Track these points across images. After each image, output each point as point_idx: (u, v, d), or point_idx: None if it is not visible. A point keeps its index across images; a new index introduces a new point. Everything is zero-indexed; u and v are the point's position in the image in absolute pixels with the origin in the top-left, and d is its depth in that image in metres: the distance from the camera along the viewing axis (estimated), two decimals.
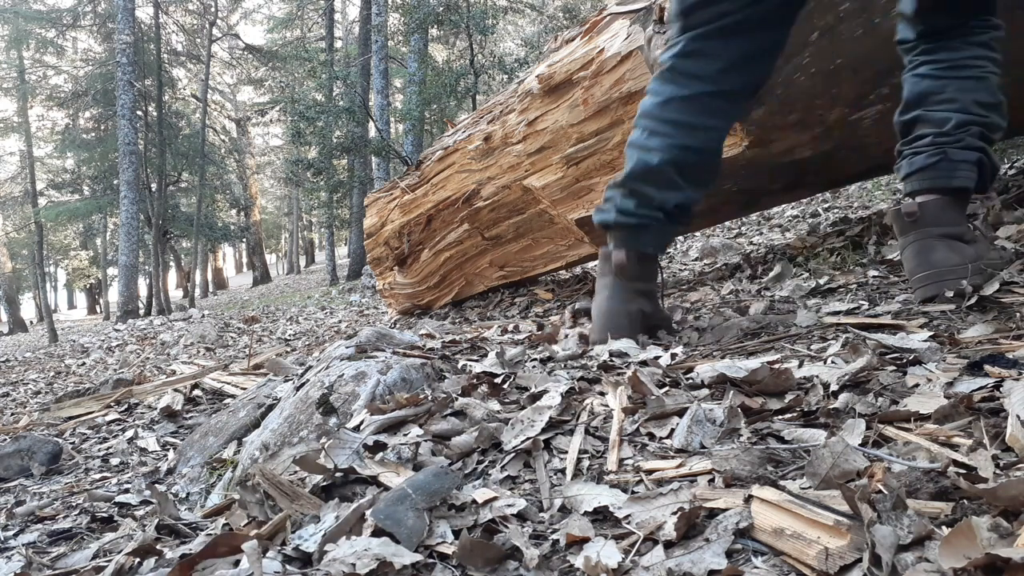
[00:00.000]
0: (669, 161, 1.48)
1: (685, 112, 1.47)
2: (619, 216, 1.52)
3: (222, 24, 19.33)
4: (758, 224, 4.98)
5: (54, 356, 7.42)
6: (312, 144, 11.94)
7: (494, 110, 3.13)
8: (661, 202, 1.50)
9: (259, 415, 1.56)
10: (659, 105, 1.50)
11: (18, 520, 1.29)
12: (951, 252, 1.30)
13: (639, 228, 1.52)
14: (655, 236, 1.54)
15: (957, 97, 1.33)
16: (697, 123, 1.48)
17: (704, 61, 1.45)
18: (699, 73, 1.46)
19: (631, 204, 1.51)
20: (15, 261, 24.18)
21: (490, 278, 3.58)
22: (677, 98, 1.48)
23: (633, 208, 1.50)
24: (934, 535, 0.55)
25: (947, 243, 1.31)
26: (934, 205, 1.33)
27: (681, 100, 1.47)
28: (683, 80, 1.48)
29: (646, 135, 1.51)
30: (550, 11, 15.89)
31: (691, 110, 1.47)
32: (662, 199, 1.50)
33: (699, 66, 1.46)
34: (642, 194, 1.50)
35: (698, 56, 1.46)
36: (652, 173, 1.49)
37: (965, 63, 1.34)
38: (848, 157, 2.32)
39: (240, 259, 40.48)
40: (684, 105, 1.47)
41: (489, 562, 0.66)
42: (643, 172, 1.50)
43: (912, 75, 1.40)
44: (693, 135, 1.48)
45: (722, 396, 0.97)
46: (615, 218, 1.52)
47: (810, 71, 1.89)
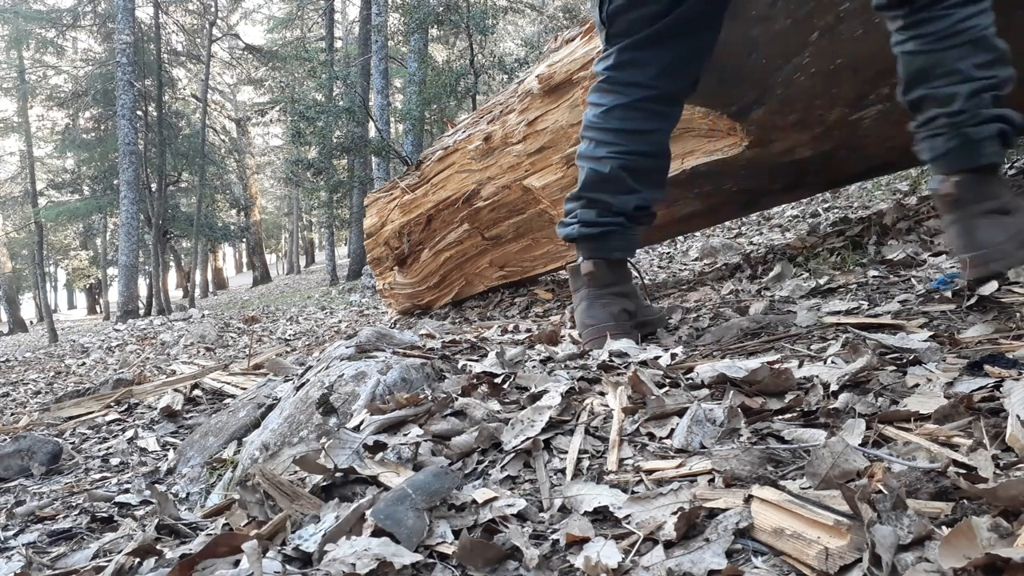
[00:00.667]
0: (620, 167, 1.51)
1: (628, 119, 1.51)
2: (582, 228, 1.55)
3: (222, 24, 19.33)
4: (758, 224, 4.98)
5: (54, 356, 7.42)
6: (312, 144, 11.93)
7: (494, 110, 3.13)
8: (620, 207, 1.53)
9: (259, 415, 1.56)
10: (602, 115, 1.53)
11: (18, 520, 1.29)
12: (996, 228, 1.26)
13: (604, 236, 1.55)
14: (620, 240, 1.57)
15: (957, 67, 1.26)
16: (641, 128, 1.52)
17: (638, 69, 1.49)
18: (635, 81, 1.50)
19: (592, 214, 1.54)
20: (15, 261, 24.18)
21: (490, 278, 3.58)
22: (619, 106, 1.51)
23: (595, 217, 1.54)
24: (934, 535, 0.55)
25: (990, 219, 1.27)
26: (969, 183, 1.28)
27: (623, 108, 1.51)
28: (621, 88, 1.51)
29: (593, 146, 1.55)
30: (550, 11, 15.89)
31: (633, 116, 1.51)
32: (620, 204, 1.53)
33: (634, 74, 1.50)
34: (600, 202, 1.54)
35: (631, 65, 1.50)
36: (606, 181, 1.53)
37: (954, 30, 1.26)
38: (848, 157, 2.32)
39: (240, 259, 40.47)
40: (626, 112, 1.51)
41: (489, 562, 0.66)
42: (597, 181, 1.54)
43: (903, 52, 1.34)
44: (639, 140, 1.52)
45: (722, 396, 0.97)
46: (579, 230, 1.56)
47: (810, 71, 1.89)
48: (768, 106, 2.00)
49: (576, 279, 1.58)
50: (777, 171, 2.36)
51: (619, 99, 1.51)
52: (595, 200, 1.54)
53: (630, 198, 1.53)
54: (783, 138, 2.13)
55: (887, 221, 2.39)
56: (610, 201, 1.53)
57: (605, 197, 1.53)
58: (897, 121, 2.08)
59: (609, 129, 1.52)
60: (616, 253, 1.57)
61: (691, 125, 2.24)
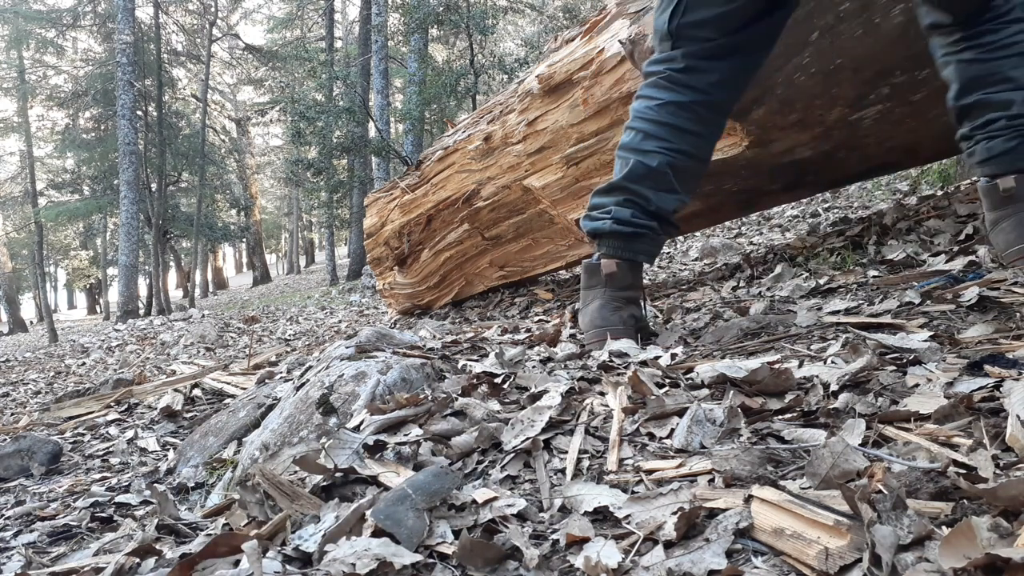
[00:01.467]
0: (667, 163, 1.52)
1: (681, 117, 1.52)
2: (615, 225, 1.54)
3: (222, 24, 19.33)
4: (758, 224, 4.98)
5: (54, 356, 7.42)
6: (312, 144, 11.93)
7: (494, 110, 3.13)
8: (658, 207, 1.53)
9: (259, 415, 1.56)
10: (655, 108, 1.54)
11: (18, 520, 1.29)
12: None
13: (634, 236, 1.54)
14: (648, 245, 1.57)
15: (1013, 76, 1.35)
16: (691, 128, 1.53)
17: (699, 75, 1.52)
18: (693, 84, 1.52)
19: (627, 213, 1.53)
20: (15, 261, 24.17)
21: (490, 278, 3.58)
22: (673, 103, 1.53)
23: (629, 217, 1.53)
24: (934, 535, 0.55)
25: None
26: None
27: (677, 105, 1.52)
28: (679, 88, 1.53)
29: (641, 138, 1.55)
30: (550, 11, 15.89)
31: (685, 116, 1.52)
32: (659, 203, 1.53)
33: (693, 79, 1.52)
34: (639, 198, 1.53)
35: (693, 71, 1.52)
36: (652, 175, 1.52)
37: (1009, 42, 1.36)
38: (848, 157, 2.32)
39: (240, 259, 40.48)
40: (679, 110, 1.52)
41: (489, 562, 0.66)
42: (642, 174, 1.53)
43: (958, 60, 1.41)
44: (688, 139, 1.53)
45: (722, 396, 0.97)
46: (610, 227, 1.54)
47: (810, 71, 1.89)
48: (768, 106, 2.00)
49: (592, 277, 1.57)
50: (777, 171, 2.36)
51: (675, 96, 1.53)
52: (635, 195, 1.53)
53: (670, 198, 1.54)
54: (783, 138, 2.13)
55: (887, 221, 2.39)
56: (651, 197, 1.53)
57: (647, 192, 1.53)
58: (897, 121, 2.08)
59: (661, 123, 1.53)
60: (641, 256, 1.57)
61: None
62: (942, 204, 2.40)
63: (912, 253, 1.88)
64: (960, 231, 1.96)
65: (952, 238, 1.94)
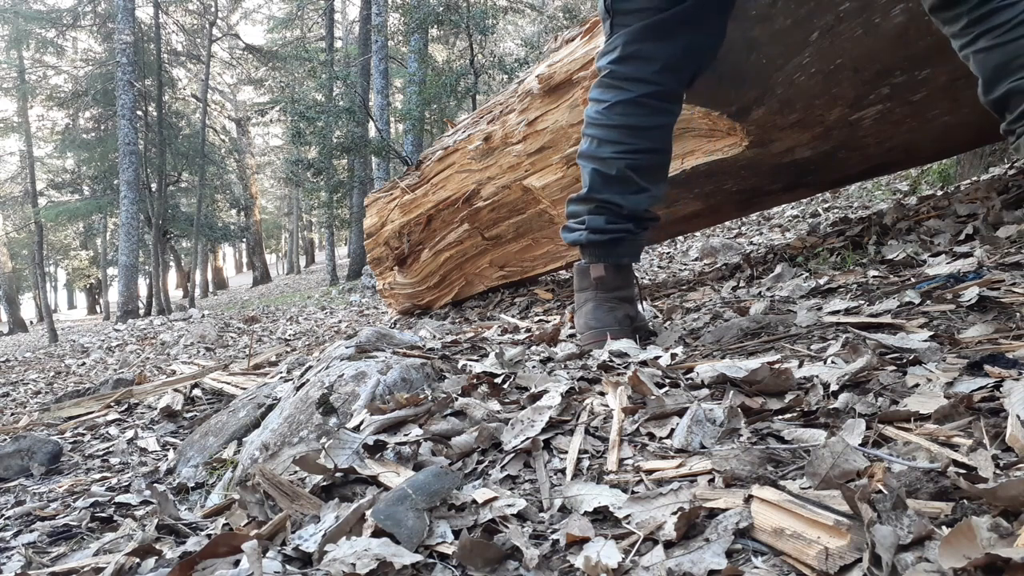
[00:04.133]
0: (627, 167, 1.49)
1: (631, 115, 1.48)
2: (591, 235, 1.53)
3: (222, 24, 19.34)
4: (758, 224, 4.98)
5: (54, 356, 7.42)
6: (312, 144, 11.93)
7: (494, 110, 3.13)
8: (630, 210, 1.51)
9: (259, 415, 1.56)
10: (604, 111, 1.51)
11: (18, 520, 1.29)
12: None
13: (612, 242, 1.53)
14: (628, 247, 1.56)
15: None
16: (645, 124, 1.49)
17: (642, 64, 1.46)
18: (639, 76, 1.47)
19: (601, 221, 1.52)
20: (15, 261, 24.18)
21: (490, 278, 3.58)
22: (621, 102, 1.48)
23: (603, 224, 1.52)
24: (934, 535, 0.55)
25: None
26: None
27: (625, 104, 1.48)
28: (624, 84, 1.48)
29: (596, 145, 1.52)
30: (550, 11, 15.88)
31: (637, 112, 1.48)
32: (631, 205, 1.51)
33: (637, 69, 1.47)
34: (610, 205, 1.51)
35: (635, 59, 1.47)
36: (615, 182, 1.50)
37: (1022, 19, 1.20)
38: (848, 157, 2.32)
39: (240, 259, 40.48)
40: (628, 108, 1.48)
41: (489, 562, 0.66)
42: (604, 182, 1.51)
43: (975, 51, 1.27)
44: (643, 136, 1.49)
45: (722, 396, 0.97)
46: (586, 237, 1.54)
47: (810, 71, 1.89)
48: (768, 106, 2.00)
49: (583, 280, 1.57)
50: (777, 171, 2.36)
51: (622, 95, 1.48)
52: (604, 203, 1.51)
53: (640, 198, 1.51)
54: (783, 138, 2.13)
55: (887, 221, 2.39)
56: (620, 203, 1.50)
57: (615, 198, 1.50)
58: (897, 121, 2.08)
59: (612, 126, 1.49)
60: (624, 259, 1.56)
61: (691, 125, 2.24)
62: (942, 204, 2.40)
63: (912, 253, 1.88)
64: (960, 231, 1.96)
65: (952, 238, 1.94)
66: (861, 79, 1.92)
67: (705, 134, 2.26)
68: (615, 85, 1.50)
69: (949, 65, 1.84)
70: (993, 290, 1.27)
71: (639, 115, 1.48)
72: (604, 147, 1.50)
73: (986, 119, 2.10)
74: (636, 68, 1.47)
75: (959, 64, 1.81)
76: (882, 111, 2.02)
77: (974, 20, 1.24)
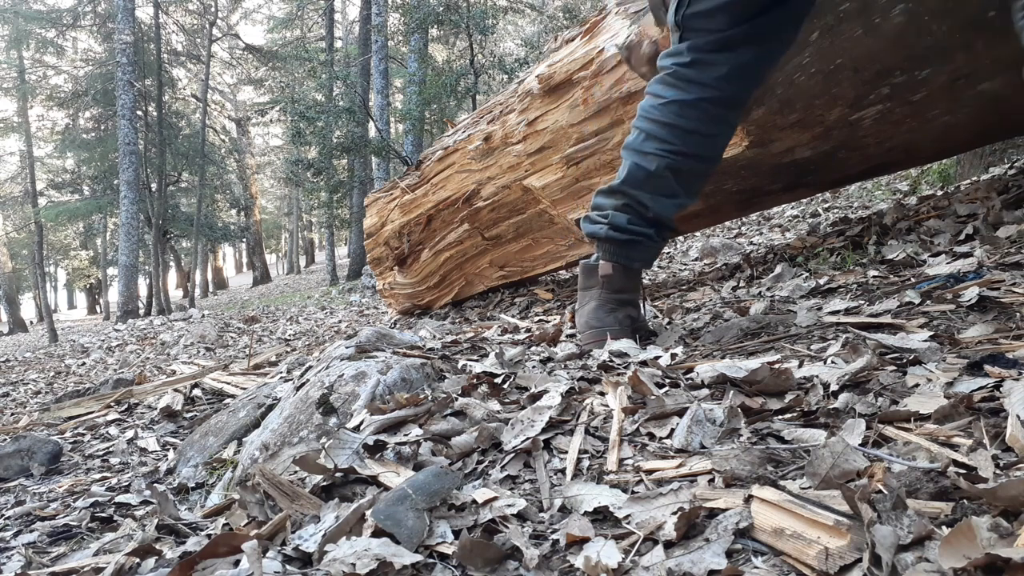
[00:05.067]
0: (667, 167, 1.47)
1: (686, 117, 1.46)
2: (610, 231, 1.52)
3: (222, 24, 19.34)
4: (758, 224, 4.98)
5: (54, 356, 7.42)
6: (312, 144, 11.93)
7: (494, 110, 3.13)
8: (656, 214, 1.49)
9: (259, 415, 1.56)
10: (659, 107, 1.49)
11: (18, 520, 1.29)
12: None
13: (629, 244, 1.52)
14: (643, 252, 1.55)
15: None
16: (697, 128, 1.47)
17: (705, 69, 1.45)
18: (701, 80, 1.45)
19: (623, 219, 1.50)
20: (15, 261, 24.19)
21: (490, 278, 3.58)
22: (678, 101, 1.46)
23: (625, 224, 1.50)
24: (934, 535, 0.55)
25: None
26: None
27: (682, 104, 1.46)
28: (685, 84, 1.46)
29: (642, 138, 1.50)
30: (550, 11, 15.88)
31: (691, 115, 1.46)
32: (657, 210, 1.49)
33: (701, 74, 1.45)
34: (637, 204, 1.50)
35: (700, 65, 1.45)
36: (650, 179, 1.48)
37: None
38: (848, 157, 2.32)
39: (240, 259, 40.49)
40: (684, 109, 1.46)
41: (489, 562, 0.66)
42: (641, 178, 1.49)
43: None
44: (692, 140, 1.47)
45: (722, 396, 0.97)
46: (606, 232, 1.52)
47: (810, 71, 1.89)
48: (768, 106, 2.00)
49: (589, 278, 1.56)
50: (777, 171, 2.36)
51: (680, 94, 1.46)
52: (633, 200, 1.49)
53: (670, 203, 1.49)
54: (783, 138, 2.13)
55: (887, 221, 2.39)
56: (648, 204, 1.48)
57: (645, 198, 1.48)
58: (897, 121, 2.08)
59: (663, 123, 1.47)
60: (637, 263, 1.55)
61: None
62: (942, 204, 2.40)
63: (912, 253, 1.88)
64: (960, 231, 1.96)
65: (952, 238, 1.94)
66: (861, 79, 1.91)
67: None
68: (675, 84, 1.48)
69: (949, 65, 1.84)
70: (993, 290, 1.27)
71: (693, 118, 1.46)
72: (649, 142, 1.48)
73: (986, 119, 2.10)
74: (700, 72, 1.45)
75: (959, 64, 1.82)
76: (882, 111, 2.02)
77: None
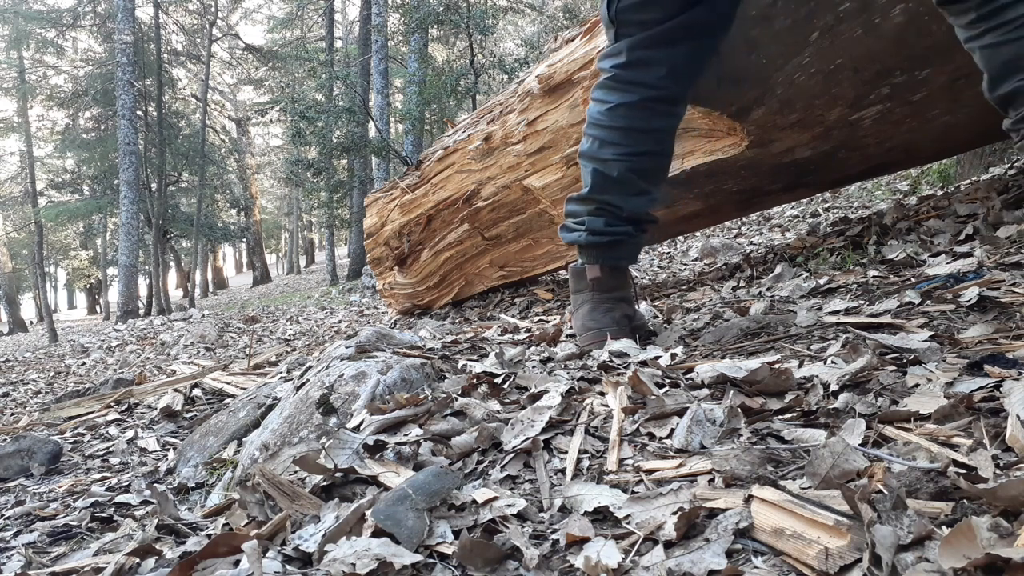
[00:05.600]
0: (628, 169, 1.49)
1: (633, 117, 1.48)
2: (589, 236, 1.53)
3: (222, 24, 19.34)
4: (758, 224, 4.98)
5: (54, 356, 7.42)
6: (312, 144, 11.93)
7: (494, 110, 3.13)
8: (630, 212, 1.51)
9: (259, 415, 1.56)
10: (607, 112, 1.50)
11: (18, 520, 1.29)
12: None
13: (611, 244, 1.54)
14: (627, 250, 1.57)
15: None
16: (647, 127, 1.49)
17: (646, 69, 1.46)
18: (642, 80, 1.46)
19: (600, 223, 1.52)
20: (15, 261, 24.19)
21: (490, 278, 3.58)
22: (624, 104, 1.48)
23: (603, 226, 1.52)
24: (934, 535, 0.55)
25: None
26: None
27: (628, 106, 1.48)
28: (627, 87, 1.48)
29: (598, 145, 1.52)
30: (550, 11, 15.88)
31: (639, 115, 1.48)
32: (631, 207, 1.51)
33: (641, 74, 1.46)
34: (610, 207, 1.51)
35: (640, 64, 1.46)
36: (616, 184, 1.50)
37: None
38: (848, 157, 2.32)
39: (240, 259, 40.49)
40: (631, 111, 1.48)
41: (489, 562, 0.66)
42: (605, 184, 1.51)
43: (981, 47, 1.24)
44: (645, 139, 1.49)
45: (722, 396, 0.97)
46: (585, 238, 1.54)
47: (810, 71, 1.89)
48: (768, 106, 2.00)
49: (579, 281, 1.57)
50: (777, 171, 2.36)
51: (625, 97, 1.48)
52: (605, 204, 1.51)
53: (641, 200, 1.51)
54: (783, 138, 2.13)
55: (887, 221, 2.39)
56: (621, 205, 1.50)
57: (616, 200, 1.50)
58: (897, 121, 2.08)
59: (614, 128, 1.49)
60: (622, 261, 1.57)
61: (691, 125, 2.24)
62: (942, 204, 2.40)
63: (912, 253, 1.88)
64: (960, 231, 1.96)
65: (952, 238, 1.94)
66: (861, 79, 1.92)
67: (705, 134, 2.26)
68: (617, 87, 1.49)
69: (949, 65, 1.84)
70: (993, 290, 1.27)
71: (642, 118, 1.48)
72: (606, 148, 1.50)
73: (986, 119, 2.10)
74: (640, 73, 1.46)
75: (959, 64, 1.82)
76: (882, 111, 2.02)
77: (983, 16, 1.22)
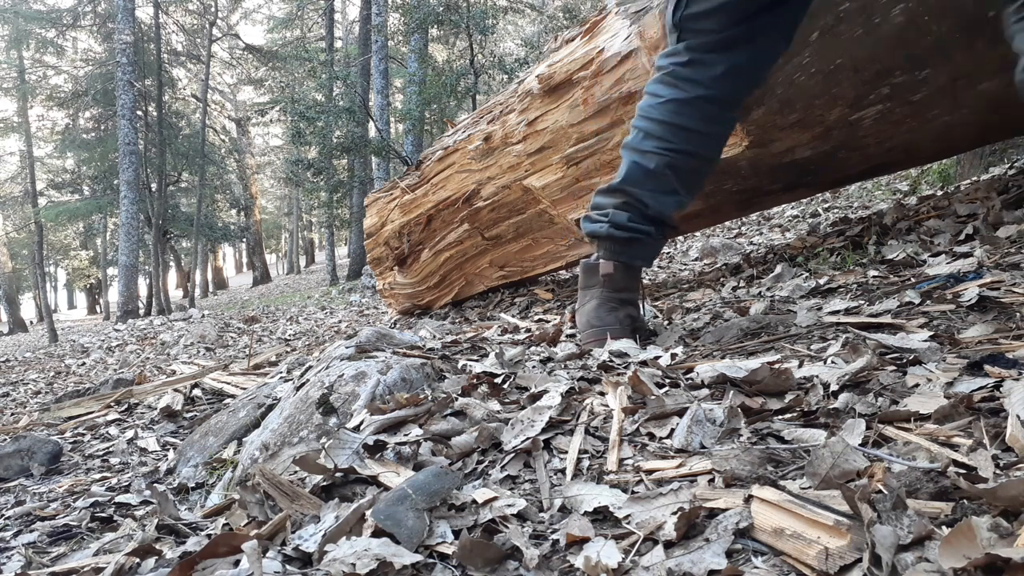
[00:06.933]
0: (666, 165, 1.48)
1: (683, 115, 1.48)
2: (611, 229, 1.52)
3: (222, 24, 19.34)
4: (758, 224, 4.98)
5: (54, 356, 7.42)
6: (312, 144, 11.93)
7: (494, 110, 3.13)
8: (656, 211, 1.50)
9: (259, 415, 1.56)
10: (657, 106, 1.50)
11: (18, 520, 1.29)
12: None
13: (630, 242, 1.53)
14: (645, 250, 1.56)
15: None
16: (695, 127, 1.48)
17: (702, 69, 1.47)
18: (698, 79, 1.47)
19: (624, 217, 1.51)
20: (15, 261, 24.19)
21: (490, 278, 3.58)
22: (675, 100, 1.48)
23: (626, 222, 1.51)
24: (934, 535, 0.55)
25: None
26: None
27: (679, 103, 1.48)
28: (681, 83, 1.48)
29: (641, 137, 1.51)
30: (550, 11, 15.88)
31: (688, 113, 1.48)
32: (657, 207, 1.50)
33: (697, 73, 1.47)
34: (637, 202, 1.50)
35: (698, 65, 1.47)
36: (650, 177, 1.49)
37: None
38: (848, 157, 2.32)
39: (240, 259, 40.50)
40: (681, 107, 1.48)
41: (489, 562, 0.66)
42: (640, 177, 1.50)
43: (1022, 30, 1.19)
44: (689, 138, 1.48)
45: (722, 396, 0.97)
46: (607, 231, 1.53)
47: (810, 71, 1.89)
48: (768, 106, 2.00)
49: (590, 277, 1.56)
50: (777, 171, 2.36)
51: (677, 93, 1.48)
52: (633, 198, 1.50)
53: (669, 200, 1.50)
54: (783, 138, 2.13)
55: (887, 221, 2.39)
56: (649, 202, 1.49)
57: (645, 196, 1.49)
58: (897, 121, 2.08)
59: (661, 121, 1.49)
60: (638, 261, 1.56)
61: None
62: (942, 204, 2.40)
63: (912, 253, 1.88)
64: (960, 231, 1.96)
65: (952, 238, 1.94)
66: (861, 79, 1.91)
67: None
68: (673, 83, 1.49)
69: (949, 65, 1.84)
70: (993, 290, 1.27)
71: (690, 116, 1.48)
72: (648, 140, 1.50)
73: (986, 119, 2.10)
74: (697, 71, 1.47)
75: (959, 64, 1.82)
76: (882, 111, 2.02)
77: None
